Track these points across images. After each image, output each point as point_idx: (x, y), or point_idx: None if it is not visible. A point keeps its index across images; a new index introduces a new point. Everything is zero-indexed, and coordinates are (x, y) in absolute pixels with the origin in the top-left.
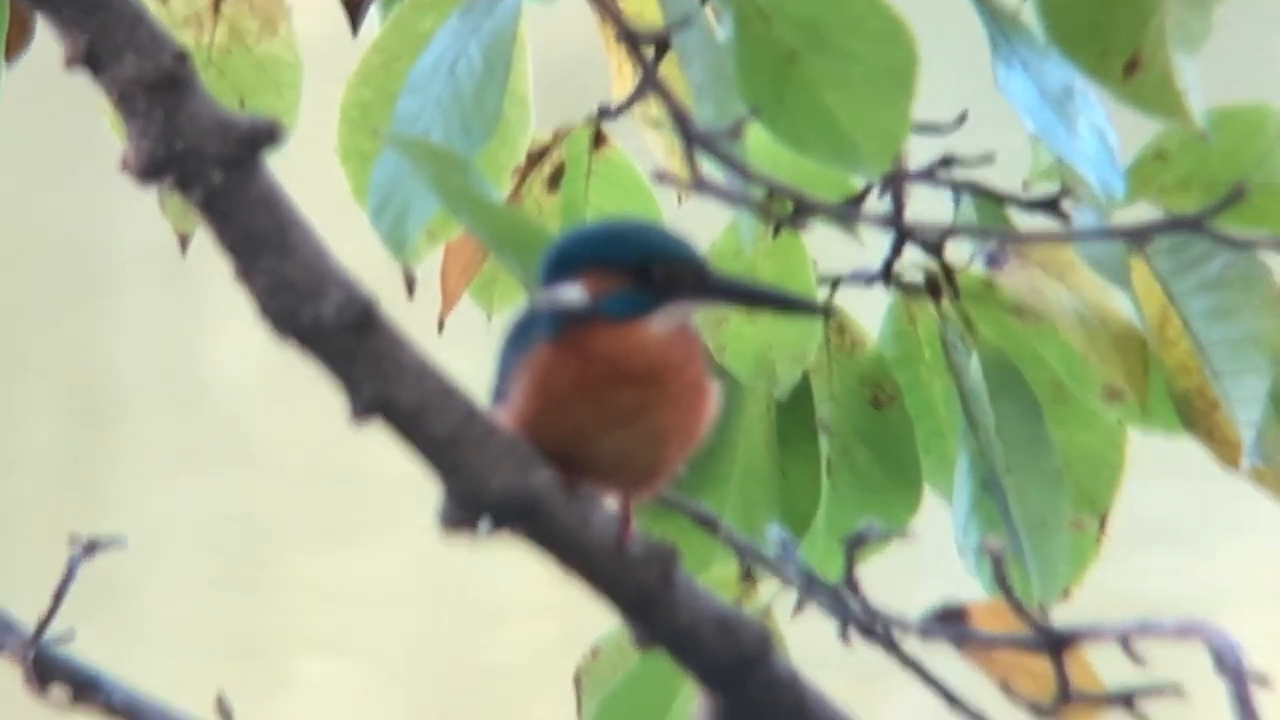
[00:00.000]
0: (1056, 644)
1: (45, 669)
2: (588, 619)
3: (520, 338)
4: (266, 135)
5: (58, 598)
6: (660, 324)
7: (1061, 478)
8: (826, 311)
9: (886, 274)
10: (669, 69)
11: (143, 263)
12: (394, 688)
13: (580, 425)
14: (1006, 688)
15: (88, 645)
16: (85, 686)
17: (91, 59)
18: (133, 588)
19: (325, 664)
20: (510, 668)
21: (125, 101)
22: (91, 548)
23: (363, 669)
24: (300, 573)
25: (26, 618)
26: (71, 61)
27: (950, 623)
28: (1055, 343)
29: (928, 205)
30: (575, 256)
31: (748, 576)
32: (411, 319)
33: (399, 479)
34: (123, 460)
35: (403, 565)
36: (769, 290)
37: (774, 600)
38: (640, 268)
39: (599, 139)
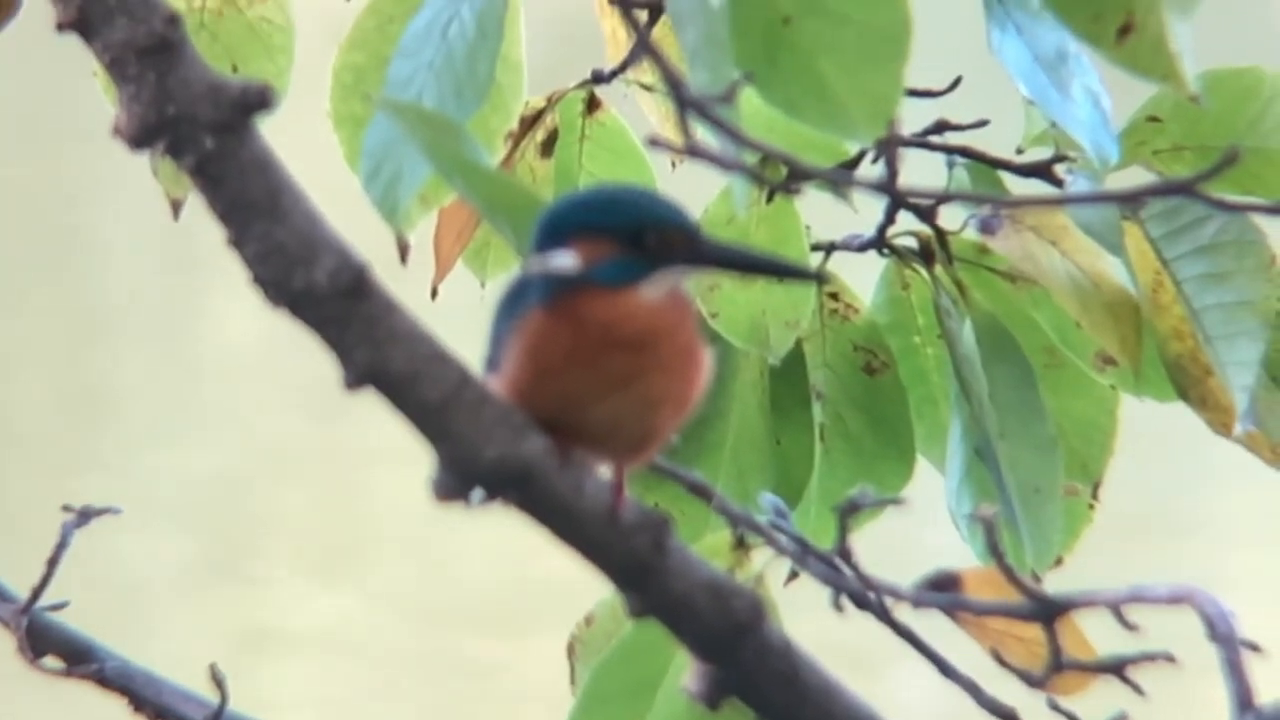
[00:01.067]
0: (1049, 612)
1: (39, 637)
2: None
3: (513, 305)
4: (258, 100)
5: (51, 565)
6: (652, 291)
7: (1055, 444)
8: (820, 278)
9: (880, 240)
10: (662, 33)
11: (135, 230)
12: (389, 653)
13: (573, 392)
14: (999, 656)
15: (80, 614)
16: (79, 655)
17: (83, 23)
18: (125, 557)
19: (319, 632)
20: (504, 633)
21: (117, 66)
22: (85, 516)
23: (357, 632)
24: (294, 542)
25: (20, 586)
26: (63, 26)
27: (943, 591)
28: (1048, 308)
29: (921, 171)
30: (567, 223)
31: (741, 544)
32: (404, 286)
33: (392, 451)
34: (116, 429)
35: (396, 535)
36: (762, 257)
37: (767, 568)
38: (632, 234)
39: (592, 104)
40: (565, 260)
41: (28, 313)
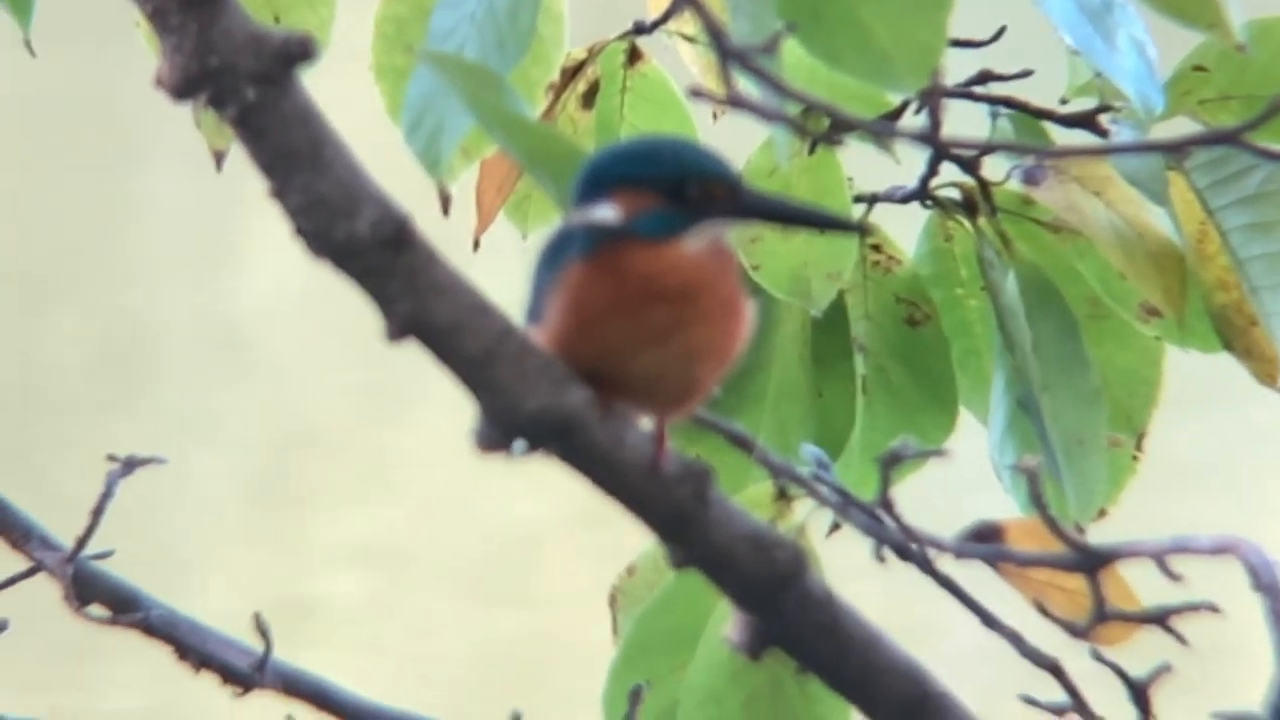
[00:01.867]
0: (1092, 563)
1: (84, 586)
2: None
3: (554, 256)
4: (300, 51)
5: (96, 514)
6: (694, 243)
7: (1099, 396)
8: (863, 229)
9: (923, 191)
10: None
11: (176, 180)
12: (431, 602)
13: (615, 344)
14: (1042, 607)
15: (124, 565)
16: (124, 603)
17: None
18: (169, 507)
19: (360, 581)
20: (549, 589)
21: (159, 17)
22: (130, 465)
23: (398, 584)
24: (334, 491)
25: (65, 536)
26: None
27: (986, 542)
28: (1093, 259)
29: (964, 122)
30: (608, 175)
31: (782, 496)
32: (446, 237)
33: (432, 399)
34: (158, 379)
35: (436, 486)
36: (804, 208)
37: (809, 519)
38: (674, 186)
39: (634, 55)
40: (606, 212)
41: (65, 263)
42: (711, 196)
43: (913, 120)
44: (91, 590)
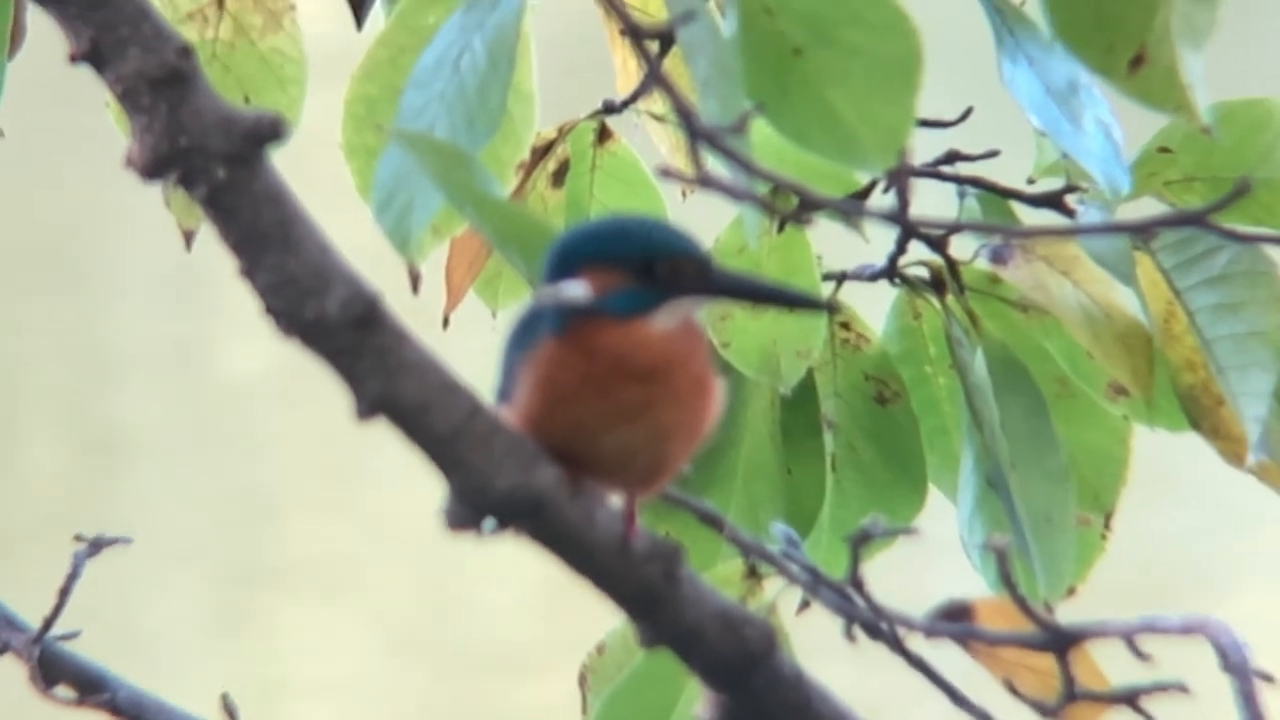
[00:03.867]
0: (1062, 642)
1: (50, 667)
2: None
3: (524, 335)
4: (270, 131)
5: (63, 595)
6: (664, 321)
7: (1067, 474)
8: (831, 308)
9: (891, 270)
10: (674, 64)
11: (146, 262)
12: (402, 686)
13: (584, 422)
14: (1012, 686)
15: (92, 646)
16: (90, 684)
17: (95, 55)
18: (139, 587)
19: (330, 662)
20: (516, 662)
21: (129, 97)
22: (97, 546)
23: (370, 667)
24: (306, 572)
25: (32, 616)
26: (76, 57)
27: (955, 621)
28: (1060, 338)
29: (932, 201)
30: (578, 253)
31: (752, 574)
32: (416, 316)
33: (405, 473)
34: (128, 460)
35: (409, 560)
36: (773, 286)
37: (779, 598)
38: (644, 264)
39: (604, 134)
40: (577, 290)
41: (36, 340)
42: (681, 274)
43: (881, 199)
44: (58, 671)
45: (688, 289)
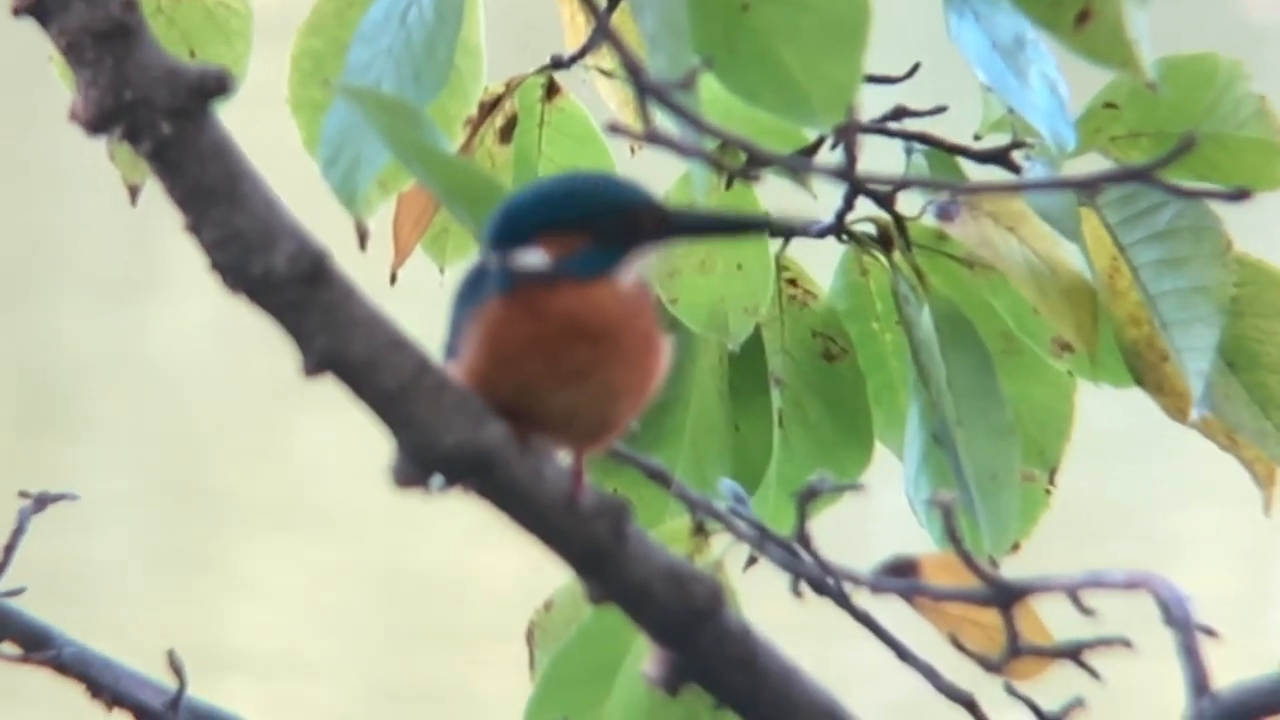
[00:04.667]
0: (1006, 598)
1: None
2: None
3: (472, 292)
4: (216, 85)
5: (8, 552)
6: (624, 276)
7: (1012, 430)
8: (791, 231)
9: (838, 226)
10: (621, 19)
11: (92, 215)
12: (345, 656)
13: (532, 381)
14: (956, 641)
15: (36, 602)
16: (36, 641)
17: (39, 8)
18: (82, 562)
19: (275, 616)
20: (464, 629)
21: (73, 51)
22: (41, 502)
23: (313, 620)
24: (246, 545)
25: None
26: (19, 10)
27: (901, 576)
28: (1006, 295)
29: (879, 157)
30: (529, 221)
31: (700, 530)
32: (363, 272)
33: (344, 454)
34: (72, 434)
35: (347, 538)
36: (730, 216)
37: (726, 554)
38: (600, 222)
39: (552, 90)
40: (535, 258)
41: None
42: (639, 225)
43: (828, 156)
44: (3, 628)
45: (647, 237)
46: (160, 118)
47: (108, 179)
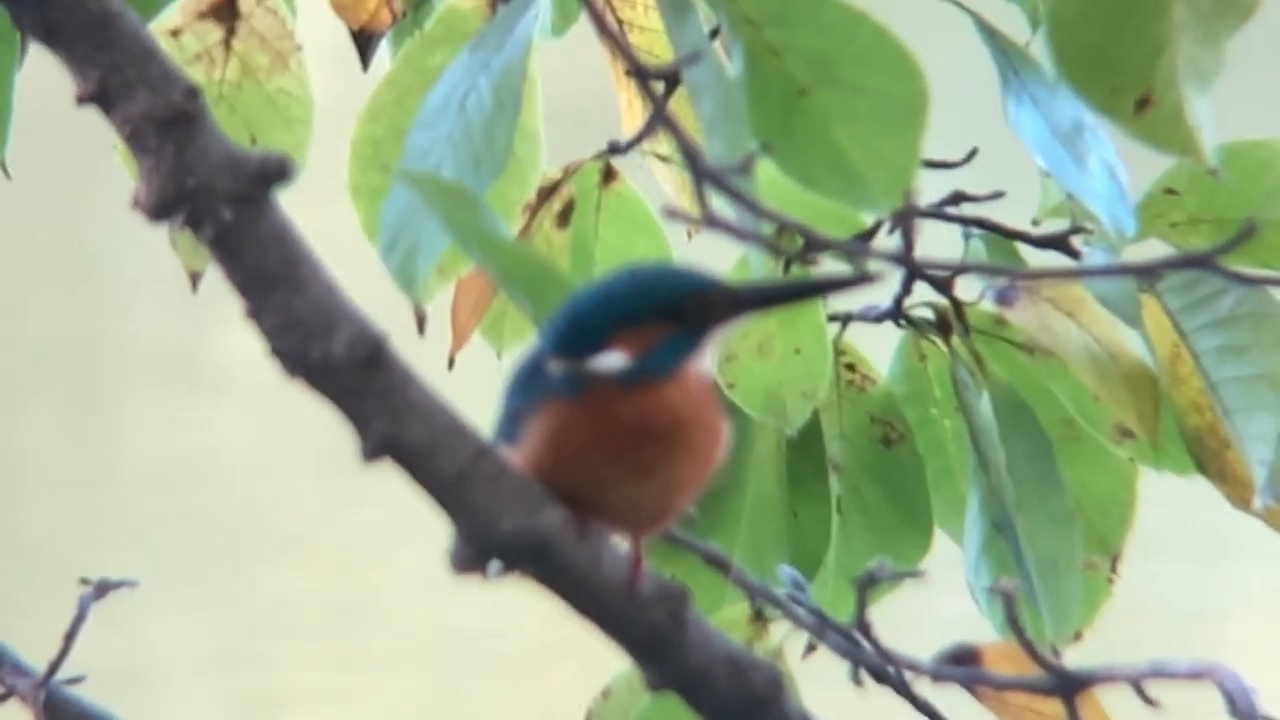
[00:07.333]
0: (1069, 687)
1: (56, 711)
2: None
3: (531, 381)
4: (277, 171)
5: (69, 639)
6: (699, 364)
7: (1073, 517)
8: (867, 278)
9: (896, 311)
10: (679, 104)
11: (153, 298)
12: (405, 702)
13: (596, 476)
14: None
15: (96, 690)
16: None
17: (102, 96)
18: (141, 632)
19: (334, 701)
20: (525, 712)
21: (136, 138)
22: (102, 589)
23: (370, 686)
24: (310, 609)
25: (37, 660)
26: (83, 99)
27: (963, 665)
28: (1066, 381)
29: (938, 242)
30: (599, 319)
31: (759, 617)
32: (421, 357)
33: (408, 524)
34: (128, 501)
35: (412, 586)
36: (795, 282)
37: (785, 641)
38: (674, 310)
39: (609, 174)
40: (614, 360)
41: (41, 378)
42: (710, 307)
43: (886, 240)
44: (64, 716)
45: (722, 317)
46: (222, 204)
47: (168, 270)
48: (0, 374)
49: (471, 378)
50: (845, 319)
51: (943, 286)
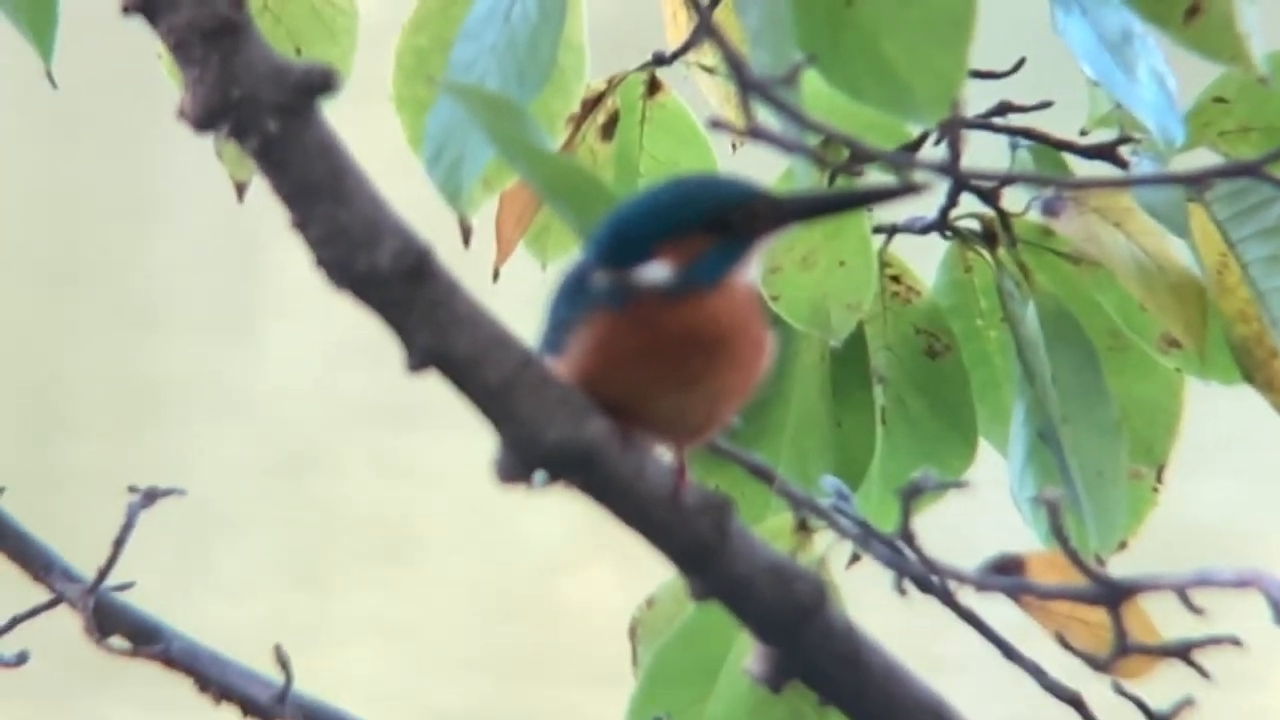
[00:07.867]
0: (1114, 596)
1: (105, 617)
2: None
3: (576, 293)
4: (322, 82)
5: (117, 545)
6: (745, 274)
7: (1119, 427)
8: (915, 188)
9: (942, 222)
10: (724, 15)
11: (197, 212)
12: (451, 625)
13: (642, 387)
14: (1063, 640)
15: (145, 596)
16: (145, 635)
17: (148, 5)
18: (192, 532)
19: (382, 599)
20: (568, 616)
21: (181, 49)
22: (150, 496)
23: (419, 604)
24: (362, 509)
25: (87, 567)
26: (129, 8)
27: (1007, 574)
28: (1113, 291)
29: (984, 153)
30: (644, 230)
31: (803, 527)
32: (466, 268)
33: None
34: (175, 413)
35: (459, 500)
36: (840, 193)
37: (829, 551)
38: (719, 220)
39: (653, 86)
40: (658, 271)
41: (85, 295)
42: (756, 217)
43: (932, 151)
44: (113, 622)
45: (768, 228)
46: (267, 115)
47: (214, 172)
48: (48, 297)
49: (516, 289)
50: (891, 230)
51: (989, 197)
